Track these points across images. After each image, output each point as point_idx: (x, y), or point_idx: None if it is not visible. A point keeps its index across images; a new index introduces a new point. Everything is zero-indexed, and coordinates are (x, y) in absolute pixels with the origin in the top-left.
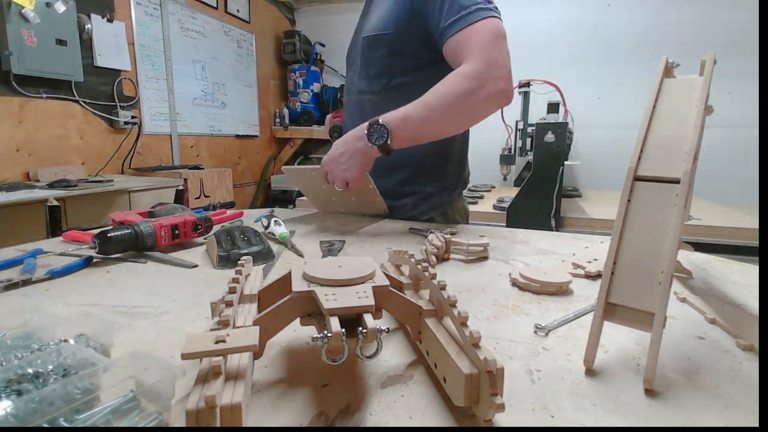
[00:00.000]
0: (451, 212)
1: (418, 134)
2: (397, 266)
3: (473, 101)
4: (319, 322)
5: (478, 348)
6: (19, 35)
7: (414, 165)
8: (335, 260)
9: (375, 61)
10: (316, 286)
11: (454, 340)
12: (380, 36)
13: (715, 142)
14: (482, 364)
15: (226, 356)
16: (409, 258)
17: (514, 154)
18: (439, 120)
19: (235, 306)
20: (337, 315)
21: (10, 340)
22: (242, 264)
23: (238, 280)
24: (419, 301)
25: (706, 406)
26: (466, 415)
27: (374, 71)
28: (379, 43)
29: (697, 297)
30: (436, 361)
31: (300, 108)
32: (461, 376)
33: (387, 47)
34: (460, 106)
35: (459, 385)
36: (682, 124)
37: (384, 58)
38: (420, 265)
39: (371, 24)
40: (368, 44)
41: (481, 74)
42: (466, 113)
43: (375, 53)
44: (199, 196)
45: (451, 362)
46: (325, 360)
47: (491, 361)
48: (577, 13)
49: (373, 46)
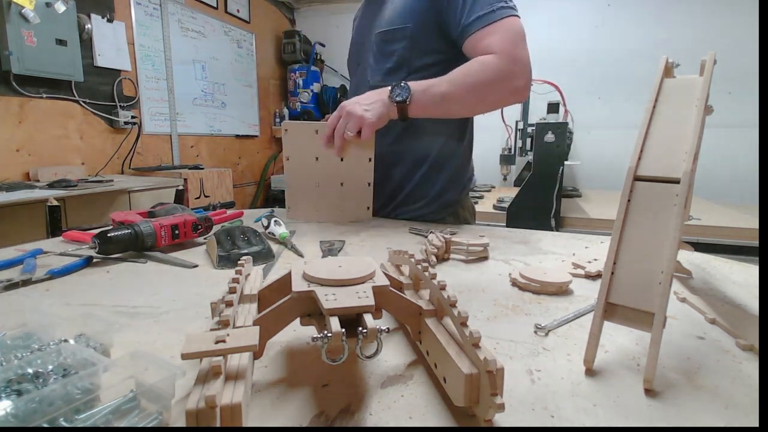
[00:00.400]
0: (462, 211)
1: (436, 107)
2: (397, 266)
3: (494, 91)
4: (319, 322)
5: (478, 348)
6: (19, 35)
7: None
8: (335, 260)
9: (392, 55)
10: (316, 286)
11: (454, 340)
12: (399, 30)
13: (715, 142)
14: (482, 364)
15: (226, 356)
16: (409, 258)
17: (514, 154)
18: (458, 99)
19: (235, 306)
20: (337, 315)
21: (10, 340)
22: (242, 264)
23: (238, 280)
24: (419, 301)
25: (706, 406)
26: (466, 415)
27: (391, 65)
28: (398, 36)
29: (697, 297)
30: (436, 361)
31: (300, 108)
32: (461, 376)
33: (406, 41)
34: (482, 92)
35: (459, 385)
36: (682, 124)
37: (403, 51)
38: (420, 265)
39: (386, 19)
40: (385, 39)
41: (506, 68)
42: (483, 101)
43: (392, 47)
44: (199, 196)
45: (451, 362)
46: (325, 360)
47: (491, 361)
48: (577, 13)
49: (391, 40)
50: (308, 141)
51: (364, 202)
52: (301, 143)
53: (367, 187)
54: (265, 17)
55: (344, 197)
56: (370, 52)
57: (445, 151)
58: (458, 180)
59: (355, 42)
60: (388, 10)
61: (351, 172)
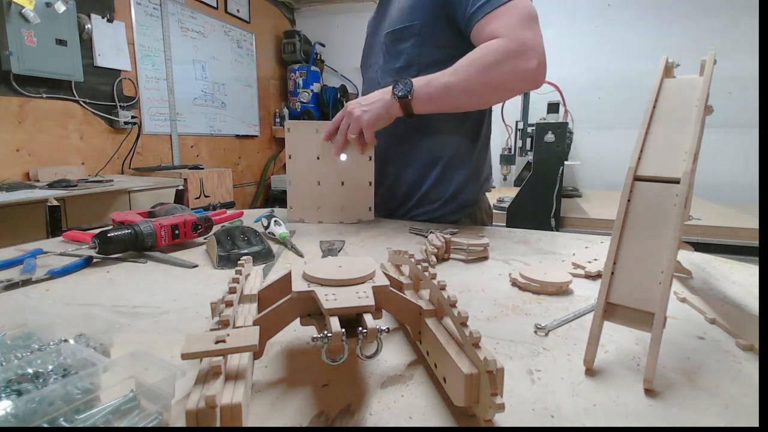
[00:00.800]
0: (479, 213)
1: (442, 99)
2: (397, 266)
3: (501, 76)
4: (319, 322)
5: (478, 348)
6: (19, 35)
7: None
8: (335, 260)
9: (402, 53)
10: (316, 286)
11: (454, 340)
12: (407, 28)
13: (715, 142)
14: (482, 364)
15: (226, 356)
16: (409, 258)
17: (514, 154)
18: (463, 88)
19: (235, 306)
20: (337, 315)
21: (10, 340)
22: (242, 264)
23: (238, 280)
24: (419, 301)
25: (706, 406)
26: (466, 415)
27: (401, 63)
28: (406, 34)
29: (697, 297)
30: (436, 361)
31: (300, 108)
32: (461, 376)
33: (415, 38)
34: (487, 77)
35: (459, 385)
36: (682, 124)
37: (412, 49)
38: (420, 265)
39: (392, 19)
40: (393, 38)
41: (513, 49)
42: (490, 87)
43: (401, 45)
44: (199, 196)
45: (451, 362)
46: (325, 360)
47: (491, 361)
48: (577, 12)
49: (400, 39)
50: (311, 140)
51: (365, 202)
52: (303, 142)
53: (368, 186)
54: (265, 17)
55: (346, 196)
56: (380, 53)
57: (459, 150)
58: (475, 179)
59: (366, 44)
60: (395, 10)
61: (351, 172)
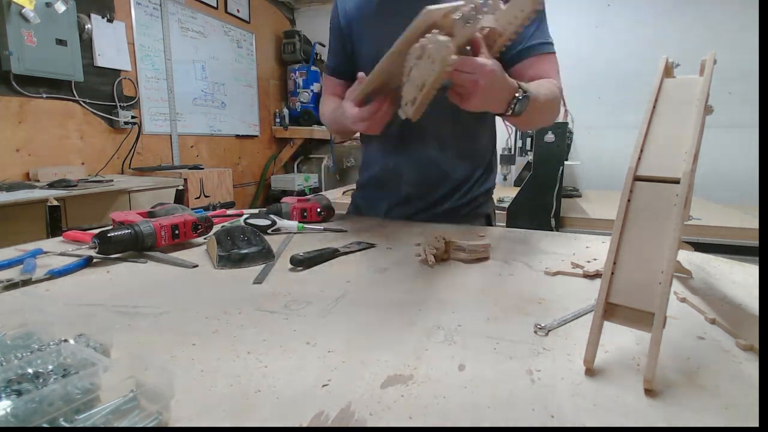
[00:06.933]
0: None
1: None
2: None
3: (555, 111)
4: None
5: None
6: (19, 35)
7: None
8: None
9: None
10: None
11: None
12: None
13: (715, 142)
14: None
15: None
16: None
17: (514, 154)
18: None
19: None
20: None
21: (10, 340)
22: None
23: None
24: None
25: (706, 406)
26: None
27: None
28: None
29: (697, 297)
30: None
31: (300, 108)
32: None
33: None
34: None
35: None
36: (682, 124)
37: None
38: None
39: None
40: None
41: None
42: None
43: None
44: (199, 196)
45: None
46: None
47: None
48: (577, 13)
49: None
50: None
51: None
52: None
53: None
54: (265, 17)
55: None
56: None
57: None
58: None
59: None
60: None
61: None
